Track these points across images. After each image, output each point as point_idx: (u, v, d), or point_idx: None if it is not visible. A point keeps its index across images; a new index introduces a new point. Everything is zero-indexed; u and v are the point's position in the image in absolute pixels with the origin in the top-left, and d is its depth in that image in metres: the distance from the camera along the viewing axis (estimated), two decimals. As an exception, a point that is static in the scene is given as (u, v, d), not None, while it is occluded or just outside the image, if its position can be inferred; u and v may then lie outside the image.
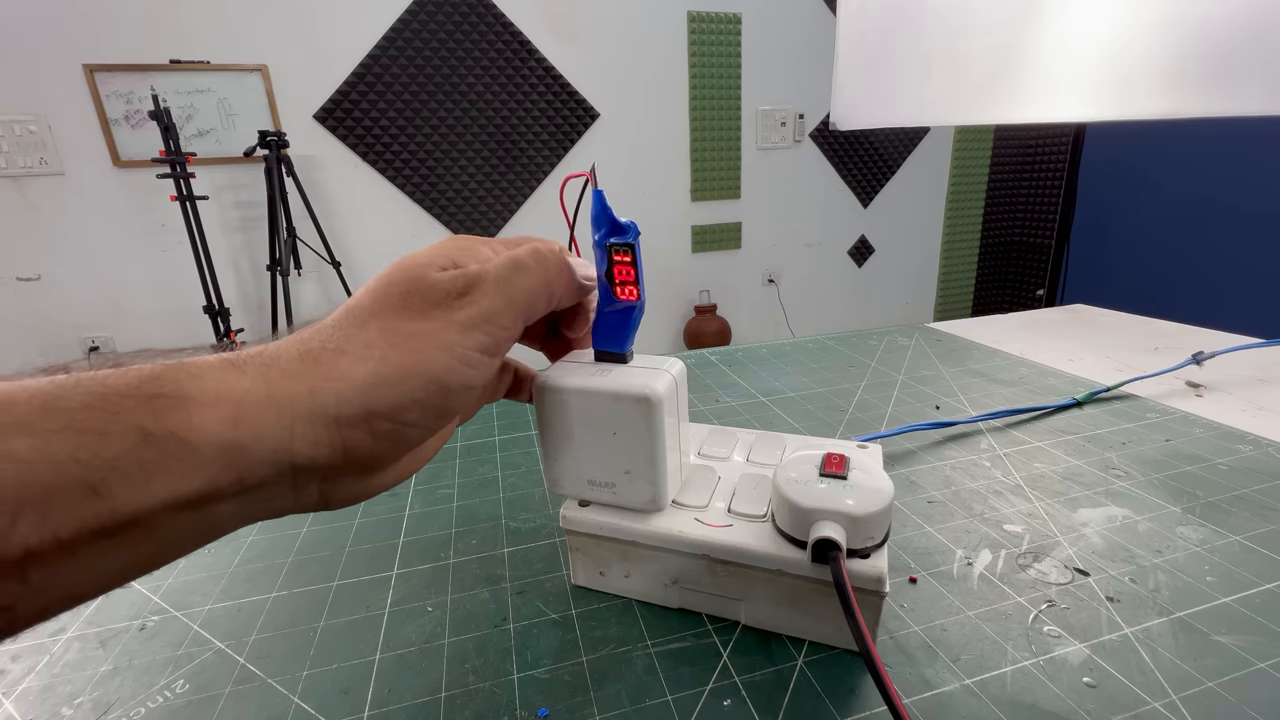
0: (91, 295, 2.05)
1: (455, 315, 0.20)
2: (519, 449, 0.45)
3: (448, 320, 0.20)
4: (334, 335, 0.19)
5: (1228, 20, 0.68)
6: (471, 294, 0.20)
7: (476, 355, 0.20)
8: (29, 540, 0.13)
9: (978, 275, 3.24)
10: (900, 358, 0.61)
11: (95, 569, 0.15)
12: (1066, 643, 0.26)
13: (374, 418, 0.18)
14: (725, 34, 2.46)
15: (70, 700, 0.25)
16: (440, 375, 0.19)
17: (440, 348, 0.19)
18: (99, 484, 0.14)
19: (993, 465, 0.40)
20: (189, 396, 0.16)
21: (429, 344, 0.19)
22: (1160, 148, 2.30)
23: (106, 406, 0.15)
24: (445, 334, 0.20)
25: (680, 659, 0.26)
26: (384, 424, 0.18)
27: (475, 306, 0.20)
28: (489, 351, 0.21)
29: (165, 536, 0.16)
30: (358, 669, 0.26)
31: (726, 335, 2.71)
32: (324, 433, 0.17)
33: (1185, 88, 0.73)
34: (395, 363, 0.19)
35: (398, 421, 0.19)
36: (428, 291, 0.20)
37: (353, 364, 0.18)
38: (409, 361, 0.19)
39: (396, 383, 0.18)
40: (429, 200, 2.29)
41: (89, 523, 0.14)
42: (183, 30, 1.91)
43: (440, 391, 0.19)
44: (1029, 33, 0.89)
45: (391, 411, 0.18)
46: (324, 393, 0.18)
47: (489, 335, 0.21)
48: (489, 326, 0.21)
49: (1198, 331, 0.64)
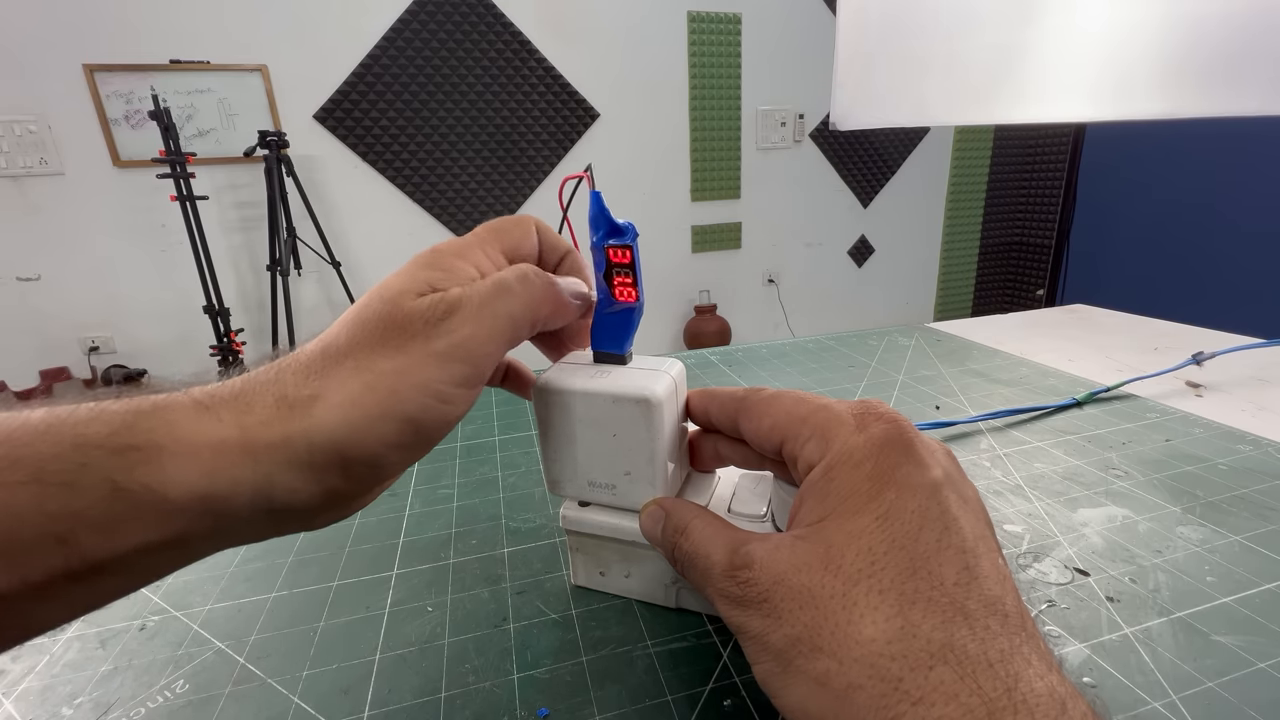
0: (91, 295, 2.05)
1: (433, 345, 0.19)
2: (519, 449, 0.45)
3: (425, 352, 0.19)
4: (309, 378, 0.18)
5: (1227, 20, 0.68)
6: (450, 320, 0.20)
7: (453, 390, 0.20)
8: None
9: (978, 275, 3.24)
10: (900, 358, 0.61)
11: (65, 605, 0.15)
12: (1066, 643, 0.26)
13: (349, 463, 0.18)
14: (725, 34, 2.46)
15: (70, 700, 0.25)
16: (415, 415, 0.19)
17: (416, 386, 0.19)
18: (67, 534, 0.14)
19: (993, 465, 0.40)
20: (162, 447, 0.15)
21: (404, 383, 0.19)
22: (1160, 148, 2.30)
23: (76, 458, 0.14)
24: (422, 370, 0.19)
25: (680, 659, 0.26)
26: (360, 468, 0.18)
27: (455, 334, 0.20)
28: (468, 384, 0.20)
29: (139, 573, 0.16)
30: (358, 669, 0.26)
31: (726, 335, 2.71)
32: (299, 479, 0.17)
33: (1185, 88, 0.73)
34: (368, 406, 0.18)
35: (373, 465, 0.19)
36: (404, 322, 0.19)
37: (326, 410, 0.18)
38: (382, 404, 0.18)
39: (368, 428, 0.18)
40: (429, 200, 2.29)
41: (59, 568, 0.14)
42: (183, 30, 1.91)
43: (415, 432, 0.19)
44: (1029, 33, 0.89)
45: (366, 458, 0.18)
46: (298, 441, 0.17)
47: (470, 365, 0.20)
48: (469, 354, 0.20)
49: (1198, 331, 0.64)
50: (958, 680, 0.14)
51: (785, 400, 0.23)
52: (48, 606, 0.15)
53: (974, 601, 0.16)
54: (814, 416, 0.21)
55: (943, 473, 0.19)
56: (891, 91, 1.13)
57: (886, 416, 0.20)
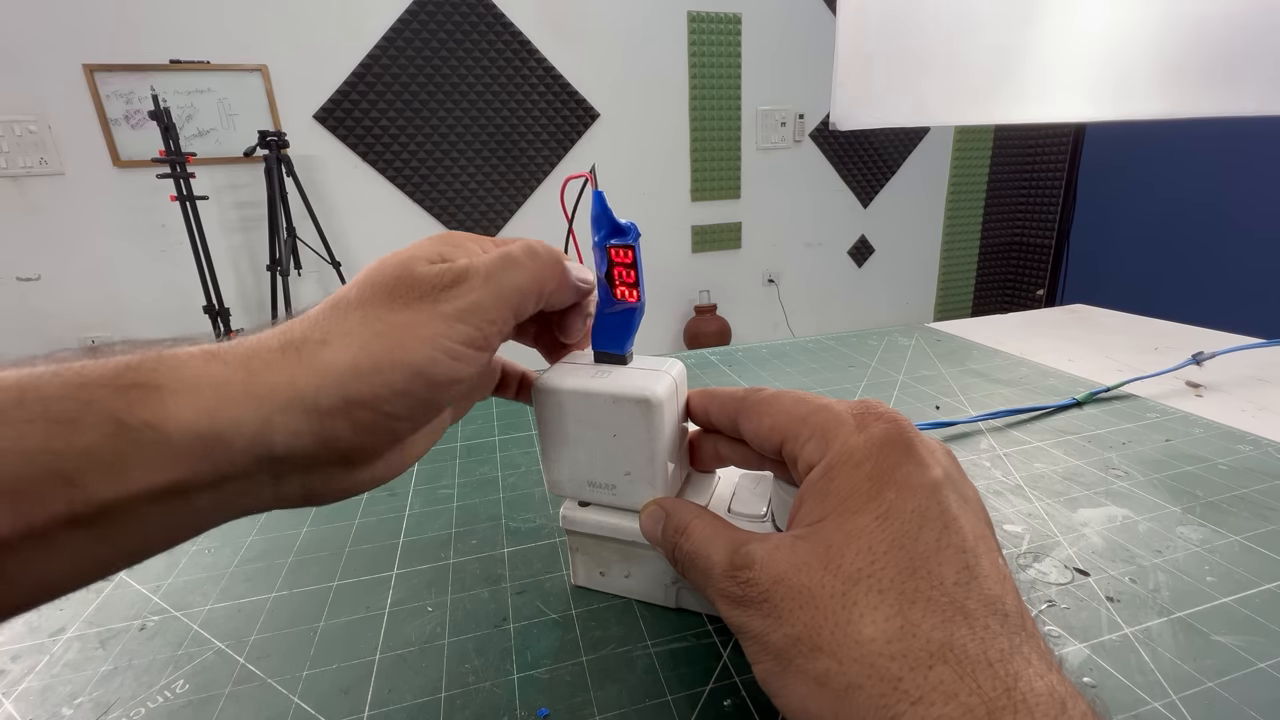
0: (91, 295, 2.05)
1: (441, 307, 0.20)
2: (519, 449, 0.45)
3: (433, 312, 0.19)
4: (317, 325, 0.19)
5: (1227, 20, 0.68)
6: (459, 287, 0.20)
7: (461, 348, 0.20)
8: (1, 529, 0.13)
9: (978, 275, 3.24)
10: (900, 358, 0.61)
11: (71, 559, 0.15)
12: (1067, 643, 0.26)
13: (354, 407, 0.18)
14: (725, 34, 2.46)
15: (70, 700, 0.25)
16: (423, 366, 0.19)
17: (423, 339, 0.19)
18: (73, 473, 0.14)
19: (993, 465, 0.40)
20: (164, 386, 0.15)
21: (412, 335, 0.19)
22: (1160, 148, 2.30)
23: (81, 396, 0.14)
24: (430, 325, 0.19)
25: (680, 659, 0.26)
26: (365, 414, 0.18)
27: (462, 299, 0.20)
28: (476, 345, 0.20)
29: (142, 528, 0.16)
30: (358, 669, 0.26)
31: (726, 335, 2.71)
32: (303, 423, 0.17)
33: (1185, 88, 0.73)
34: (376, 352, 0.18)
35: (379, 412, 0.18)
36: (414, 284, 0.20)
37: (334, 354, 0.18)
38: (390, 351, 0.18)
39: (376, 372, 0.18)
40: (429, 200, 2.29)
41: (63, 512, 0.14)
42: (183, 30, 1.91)
43: (423, 383, 0.19)
44: (1029, 33, 0.89)
45: (372, 401, 0.18)
46: (303, 383, 0.17)
47: (476, 329, 0.20)
48: (476, 320, 0.20)
49: (1198, 331, 0.64)
50: (957, 680, 0.14)
51: (785, 400, 0.23)
52: (52, 558, 0.14)
53: (974, 601, 0.16)
54: (814, 416, 0.21)
55: (943, 472, 0.19)
56: (891, 91, 1.13)
57: (886, 416, 0.20)
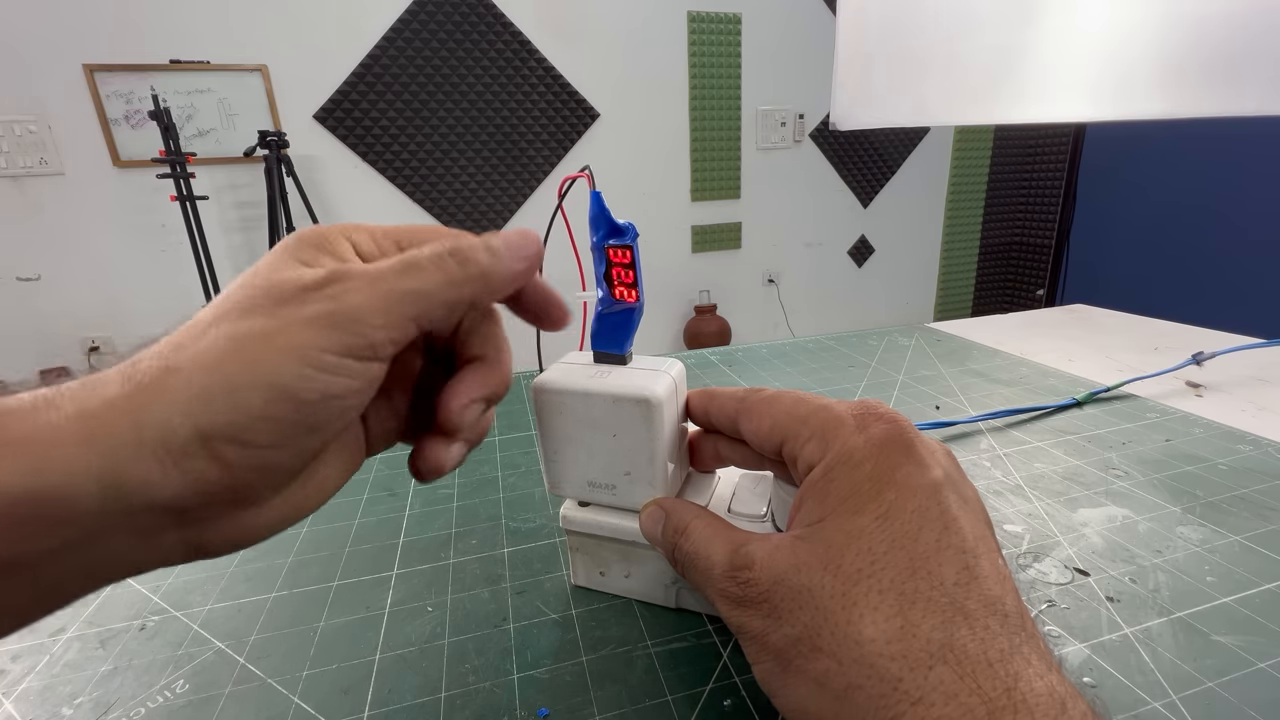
0: (91, 295, 2.05)
1: (309, 309, 0.16)
2: (519, 449, 0.45)
3: (300, 316, 0.16)
4: (164, 351, 0.16)
5: (1228, 20, 0.68)
6: (332, 286, 0.17)
7: (333, 359, 0.16)
8: None
9: (977, 275, 3.24)
10: (900, 358, 0.61)
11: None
12: (1067, 643, 0.26)
13: (212, 442, 0.15)
14: (725, 34, 2.46)
15: (70, 700, 0.25)
16: (286, 383, 0.16)
17: (283, 350, 0.16)
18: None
19: (993, 465, 0.40)
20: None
21: (270, 347, 0.16)
22: (1160, 148, 2.30)
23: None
24: (296, 334, 0.16)
25: (680, 659, 0.26)
26: (228, 448, 0.15)
27: (335, 301, 0.17)
28: (354, 354, 0.17)
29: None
30: (358, 669, 0.26)
31: (726, 335, 2.71)
32: (155, 467, 0.15)
33: (1185, 88, 0.73)
34: (230, 372, 0.15)
35: (244, 444, 0.16)
36: (278, 290, 0.17)
37: (181, 381, 0.15)
38: (248, 369, 0.16)
39: (229, 396, 0.15)
40: (429, 200, 2.29)
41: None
42: (183, 30, 1.91)
43: (289, 403, 0.16)
44: (1028, 33, 0.89)
45: (230, 433, 0.15)
46: (147, 418, 0.15)
47: (353, 334, 0.17)
48: (353, 324, 0.17)
49: (1198, 331, 0.64)
50: (957, 680, 0.14)
51: (785, 401, 0.23)
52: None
53: (974, 601, 0.16)
54: (814, 417, 0.21)
55: (943, 473, 0.19)
56: (891, 91, 1.13)
57: (886, 417, 0.20)
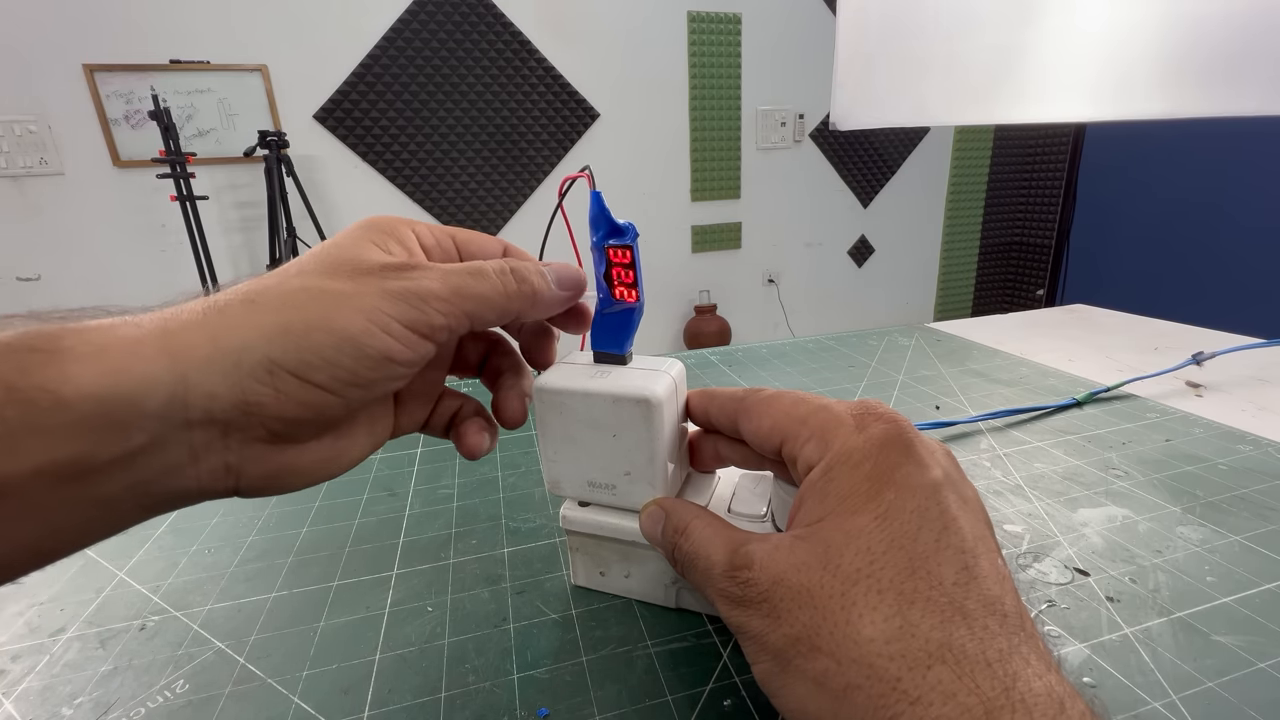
0: (91, 295, 2.05)
1: (385, 283, 0.19)
2: (519, 449, 0.45)
3: (376, 287, 0.19)
4: (246, 289, 0.18)
5: (1227, 20, 0.68)
6: (410, 271, 0.19)
7: (399, 327, 0.19)
8: None
9: (978, 275, 3.24)
10: (900, 358, 0.61)
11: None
12: (1067, 643, 0.26)
13: (277, 370, 0.17)
14: (725, 34, 2.46)
15: (70, 700, 0.25)
16: (355, 336, 0.18)
17: (359, 309, 0.18)
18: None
19: (993, 465, 0.40)
20: (67, 350, 0.14)
21: (348, 303, 0.18)
22: (1160, 148, 2.30)
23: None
24: (369, 298, 0.18)
25: (680, 659, 0.26)
26: (289, 380, 0.17)
27: (410, 281, 0.19)
28: (416, 329, 0.19)
29: (45, 514, 0.14)
30: (358, 669, 0.26)
31: (726, 335, 2.71)
32: (221, 381, 0.16)
33: (1185, 88, 0.73)
34: (308, 315, 0.17)
35: (304, 379, 0.17)
36: (359, 261, 0.19)
37: (262, 313, 0.17)
38: (323, 315, 0.18)
39: (305, 334, 0.17)
40: (429, 200, 2.29)
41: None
42: (183, 30, 1.91)
43: (353, 353, 0.18)
44: (1028, 33, 0.89)
45: (296, 366, 0.17)
46: (225, 339, 0.16)
47: (419, 311, 0.19)
48: (422, 304, 0.19)
49: (1198, 331, 0.64)
50: (956, 680, 0.14)
51: (785, 401, 0.23)
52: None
53: (973, 601, 0.16)
54: (813, 417, 0.21)
55: (942, 473, 0.19)
56: (891, 91, 1.13)
57: (886, 417, 0.20)
